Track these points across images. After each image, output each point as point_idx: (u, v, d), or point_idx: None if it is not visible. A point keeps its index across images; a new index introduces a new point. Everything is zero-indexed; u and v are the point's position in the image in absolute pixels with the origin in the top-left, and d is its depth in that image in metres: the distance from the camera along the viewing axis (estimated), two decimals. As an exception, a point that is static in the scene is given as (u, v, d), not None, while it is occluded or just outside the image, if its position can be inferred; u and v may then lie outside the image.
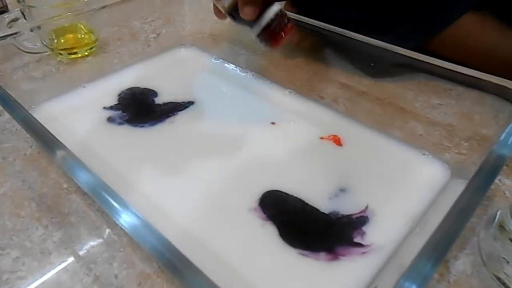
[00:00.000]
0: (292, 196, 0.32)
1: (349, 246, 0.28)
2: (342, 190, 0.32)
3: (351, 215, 0.30)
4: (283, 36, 0.33)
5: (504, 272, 0.27)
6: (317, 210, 0.31)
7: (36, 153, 0.37)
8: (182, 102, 0.42)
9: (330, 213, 0.30)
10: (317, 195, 0.32)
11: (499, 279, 0.27)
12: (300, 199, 0.32)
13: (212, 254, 0.28)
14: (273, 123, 0.39)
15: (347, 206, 0.31)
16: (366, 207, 0.31)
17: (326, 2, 0.46)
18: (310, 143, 0.37)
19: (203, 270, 0.19)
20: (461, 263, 0.28)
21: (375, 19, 0.44)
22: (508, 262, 0.27)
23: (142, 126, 0.39)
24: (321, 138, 0.37)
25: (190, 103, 0.42)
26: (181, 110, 0.41)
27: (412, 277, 0.19)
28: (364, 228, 0.29)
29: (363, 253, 0.28)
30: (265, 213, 0.31)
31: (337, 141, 0.37)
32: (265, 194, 0.32)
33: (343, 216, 0.30)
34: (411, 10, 0.43)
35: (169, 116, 0.40)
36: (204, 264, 0.20)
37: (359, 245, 0.28)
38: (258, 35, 0.34)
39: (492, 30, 0.42)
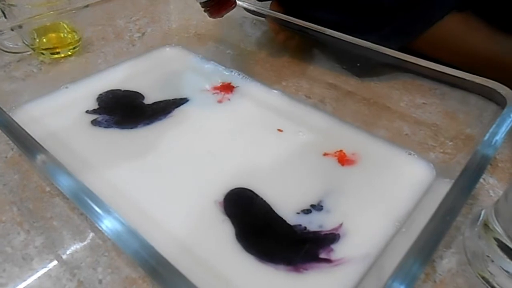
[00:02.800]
0: (261, 199, 0.31)
1: (313, 262, 0.27)
2: (315, 205, 0.31)
3: (319, 231, 0.29)
4: (223, 9, 0.38)
5: (489, 271, 0.27)
6: (283, 220, 0.30)
7: (17, 156, 0.36)
8: (175, 99, 0.42)
9: (295, 226, 0.29)
10: (289, 205, 0.31)
11: (483, 278, 0.27)
12: (267, 205, 0.31)
13: (178, 245, 0.28)
14: (280, 129, 0.38)
15: (319, 222, 0.29)
16: (341, 224, 0.29)
17: (309, 4, 0.46)
18: (303, 149, 0.37)
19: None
20: (447, 262, 0.29)
21: (358, 20, 0.44)
22: (492, 261, 0.27)
23: (132, 128, 0.38)
24: (325, 154, 0.36)
25: (184, 99, 0.42)
26: (176, 107, 0.41)
27: (400, 277, 0.19)
28: (333, 246, 0.28)
29: (337, 265, 0.27)
30: (225, 209, 0.30)
31: (341, 157, 0.35)
32: (233, 190, 0.32)
33: (309, 232, 0.29)
34: (394, 11, 0.43)
35: (165, 115, 0.40)
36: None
37: (326, 260, 0.27)
38: (202, 4, 0.38)
39: (475, 30, 0.42)
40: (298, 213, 0.30)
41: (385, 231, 0.28)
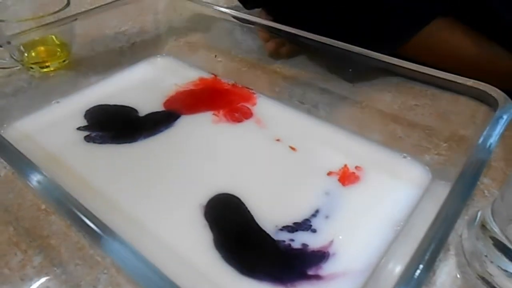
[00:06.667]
0: (245, 208, 0.31)
1: (302, 279, 0.26)
2: (300, 223, 0.30)
3: (306, 249, 0.28)
4: None
5: (488, 272, 0.27)
6: (266, 233, 0.29)
7: (11, 174, 0.36)
8: (170, 111, 0.42)
9: (278, 241, 0.29)
10: (272, 220, 0.30)
11: (483, 278, 0.28)
12: (250, 215, 0.30)
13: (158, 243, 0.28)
14: (278, 139, 0.38)
15: (302, 240, 0.29)
16: (331, 242, 0.28)
17: (297, 16, 0.46)
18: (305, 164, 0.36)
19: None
20: (446, 265, 0.29)
21: (346, 29, 0.44)
22: (491, 262, 0.27)
23: (131, 142, 0.37)
24: (329, 173, 0.34)
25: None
26: (175, 119, 0.40)
27: (406, 283, 0.19)
28: (323, 264, 0.27)
29: (331, 280, 0.26)
30: (205, 213, 0.30)
31: (343, 176, 0.34)
32: (218, 195, 0.32)
33: (294, 249, 0.28)
34: (380, 19, 0.44)
35: (165, 127, 0.39)
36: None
37: (315, 277, 0.26)
38: None
39: (461, 35, 0.43)
40: (280, 229, 0.29)
41: (384, 237, 0.28)
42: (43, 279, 0.28)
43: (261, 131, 0.39)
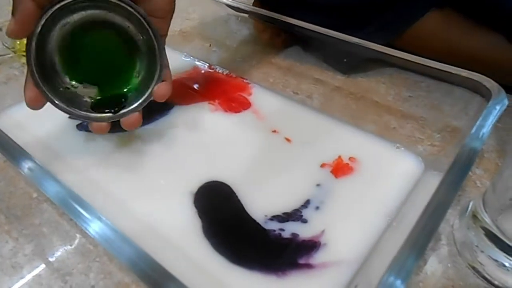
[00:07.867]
0: (236, 197, 0.31)
1: (293, 268, 0.26)
2: (289, 213, 0.30)
3: (297, 238, 0.28)
4: None
5: (479, 261, 0.27)
6: (256, 223, 0.29)
7: (2, 162, 0.36)
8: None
9: (268, 230, 0.29)
10: (262, 209, 0.30)
11: (474, 268, 0.28)
12: (240, 204, 0.30)
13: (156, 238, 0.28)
14: (274, 131, 0.38)
15: (292, 230, 0.29)
16: (322, 232, 0.29)
17: (291, 6, 0.46)
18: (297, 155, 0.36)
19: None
20: (437, 254, 0.29)
21: (340, 20, 0.44)
22: (482, 251, 0.27)
23: (125, 130, 0.37)
24: (322, 165, 0.34)
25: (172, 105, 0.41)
26: (169, 108, 0.40)
27: (396, 272, 0.19)
28: (315, 253, 0.27)
29: (322, 269, 0.26)
30: (195, 201, 0.30)
31: (336, 169, 0.34)
32: (208, 183, 0.32)
33: (284, 238, 0.28)
34: (375, 10, 0.44)
35: (162, 115, 0.39)
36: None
37: (306, 266, 0.27)
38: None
39: (455, 27, 0.43)
40: (270, 219, 0.29)
41: (376, 227, 0.28)
42: (34, 267, 0.28)
43: (258, 121, 0.39)
